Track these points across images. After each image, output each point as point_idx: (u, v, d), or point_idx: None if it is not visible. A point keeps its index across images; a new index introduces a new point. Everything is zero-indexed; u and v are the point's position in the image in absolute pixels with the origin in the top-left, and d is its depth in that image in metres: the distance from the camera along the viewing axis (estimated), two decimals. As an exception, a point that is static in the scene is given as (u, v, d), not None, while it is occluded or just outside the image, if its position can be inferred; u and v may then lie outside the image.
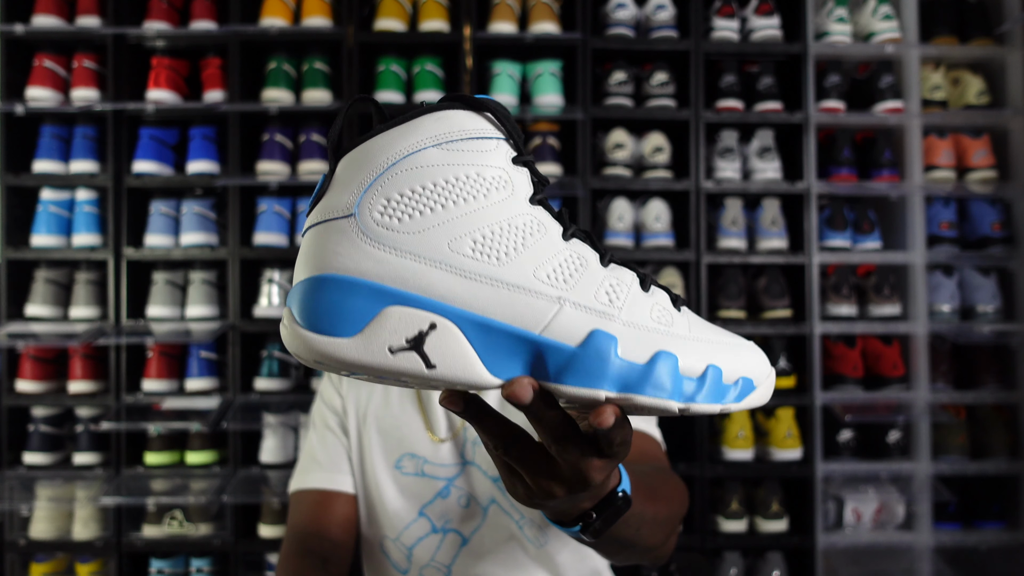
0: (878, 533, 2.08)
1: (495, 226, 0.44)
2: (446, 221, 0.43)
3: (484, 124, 0.45)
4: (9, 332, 1.99)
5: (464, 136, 0.44)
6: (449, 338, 0.42)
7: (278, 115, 2.11)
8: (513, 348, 0.44)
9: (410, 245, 0.43)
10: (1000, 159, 2.20)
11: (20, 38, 2.07)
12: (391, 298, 0.42)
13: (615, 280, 0.46)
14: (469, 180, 0.44)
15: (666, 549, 0.81)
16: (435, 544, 1.00)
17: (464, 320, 0.43)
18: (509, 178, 0.45)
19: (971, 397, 2.11)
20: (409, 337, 0.42)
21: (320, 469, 1.04)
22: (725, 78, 2.13)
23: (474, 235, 0.44)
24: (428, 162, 0.44)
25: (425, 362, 0.42)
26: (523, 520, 0.99)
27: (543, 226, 0.46)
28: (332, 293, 0.42)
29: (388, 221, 0.43)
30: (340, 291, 0.42)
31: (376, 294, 0.42)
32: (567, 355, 0.43)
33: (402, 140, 0.44)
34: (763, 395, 0.49)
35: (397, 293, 0.42)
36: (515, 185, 0.45)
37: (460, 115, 0.45)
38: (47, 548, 2.00)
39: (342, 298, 0.42)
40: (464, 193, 0.44)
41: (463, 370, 0.43)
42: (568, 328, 0.44)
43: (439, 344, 0.42)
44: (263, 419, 2.00)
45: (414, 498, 1.01)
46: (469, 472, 1.00)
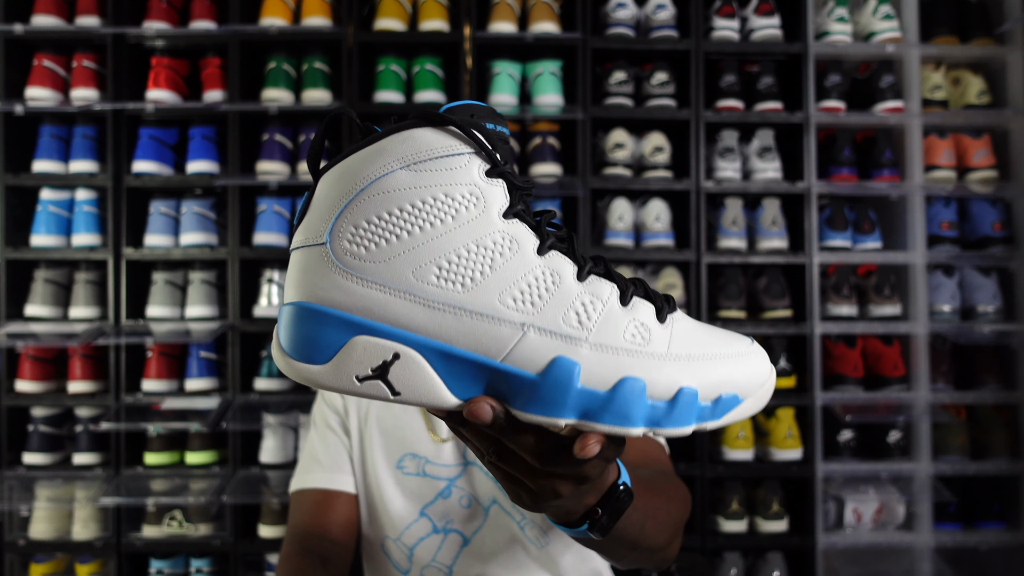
0: (878, 533, 2.08)
1: (462, 249, 0.44)
2: (412, 248, 0.44)
3: (451, 140, 0.45)
4: (9, 332, 1.99)
5: (432, 155, 0.44)
6: (412, 366, 0.44)
7: (278, 115, 2.11)
8: (475, 374, 0.44)
9: (376, 274, 0.44)
10: (1000, 159, 2.20)
11: (20, 38, 2.07)
12: (357, 328, 0.44)
13: (590, 297, 0.45)
14: (436, 202, 0.44)
15: (671, 551, 0.81)
16: (436, 544, 1.00)
17: (427, 349, 0.44)
18: (480, 194, 0.45)
19: (971, 397, 2.10)
20: (374, 367, 0.44)
21: (321, 469, 1.04)
22: (725, 78, 2.13)
23: (439, 262, 0.44)
24: (397, 186, 0.44)
25: (390, 389, 0.44)
26: (524, 521, 0.99)
27: (516, 242, 0.45)
28: (308, 322, 0.44)
29: (356, 250, 0.44)
30: (314, 320, 0.44)
31: (344, 324, 0.44)
32: (527, 383, 0.44)
33: (371, 163, 0.44)
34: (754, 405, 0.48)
35: (363, 323, 0.44)
36: (487, 201, 0.45)
37: (426, 134, 0.45)
38: (47, 548, 2.00)
39: (316, 327, 0.44)
40: (431, 217, 0.44)
41: (426, 395, 0.44)
42: (530, 355, 0.44)
43: (402, 373, 0.44)
44: (263, 419, 2.00)
45: (415, 498, 1.01)
46: (470, 472, 1.00)
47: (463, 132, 0.45)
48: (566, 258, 0.46)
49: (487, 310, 0.44)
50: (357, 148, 0.45)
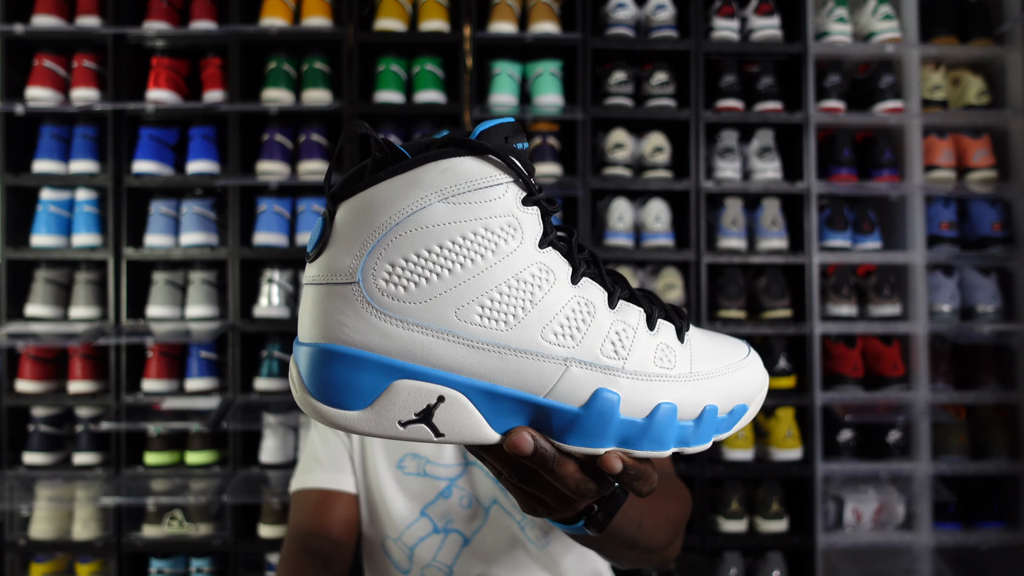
0: (878, 533, 2.08)
1: (503, 286, 0.43)
2: (454, 287, 0.42)
3: (491, 170, 0.43)
4: (9, 332, 1.99)
5: (471, 187, 0.42)
6: (457, 408, 0.43)
7: (278, 115, 2.11)
8: (519, 410, 0.44)
9: (417, 316, 0.42)
10: (1000, 159, 2.20)
11: (20, 38, 2.07)
12: (399, 372, 0.42)
13: (622, 326, 0.46)
14: (477, 237, 0.42)
15: (671, 552, 0.81)
16: (437, 544, 1.00)
17: (472, 389, 0.43)
18: (518, 224, 0.43)
19: (971, 397, 2.11)
20: (418, 411, 0.42)
21: (321, 469, 1.04)
22: (725, 78, 2.13)
23: (482, 300, 0.42)
24: (434, 221, 0.41)
25: (434, 431, 0.43)
26: (525, 521, 0.99)
27: (551, 273, 0.44)
28: (340, 367, 0.42)
29: (393, 290, 0.42)
30: (348, 365, 0.42)
31: (384, 369, 0.42)
32: (571, 416, 0.44)
33: (405, 196, 0.41)
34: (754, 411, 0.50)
35: (405, 367, 0.42)
36: (524, 231, 0.43)
37: (464, 163, 0.42)
38: (47, 548, 2.00)
39: (350, 372, 0.42)
40: (471, 253, 0.42)
41: (470, 434, 0.43)
42: (573, 389, 0.44)
43: (447, 415, 0.43)
44: (263, 419, 2.00)
45: (416, 498, 1.01)
46: (471, 472, 1.00)
47: (502, 160, 0.43)
48: (596, 285, 0.46)
49: (531, 347, 0.43)
50: (385, 175, 0.42)
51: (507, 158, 0.43)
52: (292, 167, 2.10)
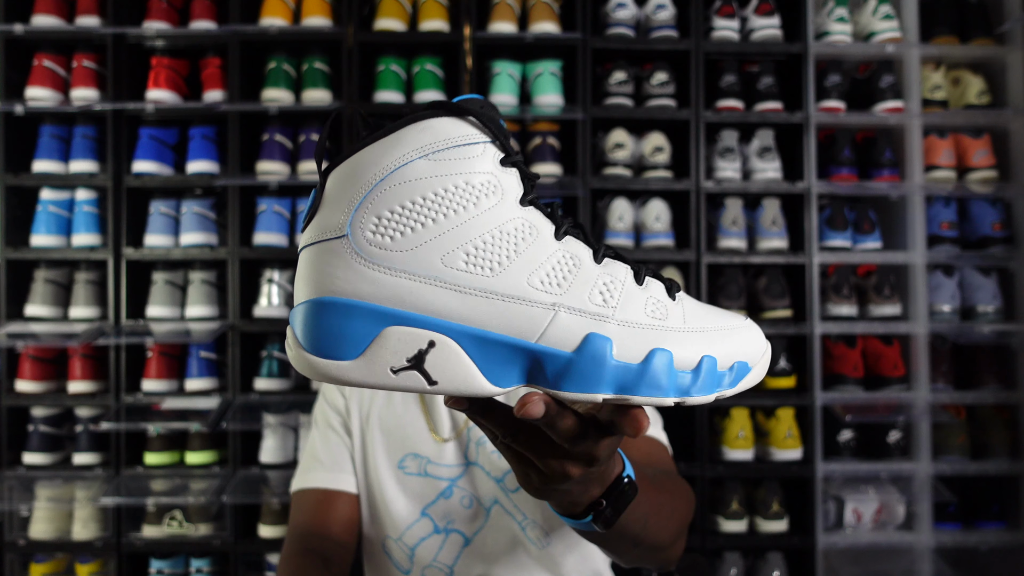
0: (878, 533, 2.08)
1: (486, 235, 0.44)
2: (438, 236, 0.43)
3: (469, 129, 0.45)
4: (9, 332, 1.99)
5: (450, 144, 0.44)
6: (448, 354, 0.43)
7: (278, 115, 2.11)
8: (511, 357, 0.44)
9: (404, 263, 0.43)
10: (1000, 159, 2.20)
11: (20, 38, 2.07)
12: (389, 319, 0.43)
13: (609, 278, 0.47)
14: (458, 190, 0.44)
15: (675, 551, 0.81)
16: (437, 544, 1.00)
17: (462, 335, 0.43)
18: (498, 182, 0.45)
19: (971, 397, 2.10)
20: (409, 356, 0.43)
21: (322, 469, 1.04)
22: (725, 78, 2.13)
23: (466, 247, 0.44)
24: (416, 175, 0.43)
25: (427, 379, 0.43)
26: (526, 521, 0.99)
27: (535, 228, 0.46)
28: (332, 317, 0.43)
29: (380, 240, 0.43)
30: (339, 314, 0.43)
31: (374, 315, 0.43)
32: (564, 361, 0.44)
33: (388, 154, 0.44)
34: (759, 374, 0.50)
35: (395, 313, 0.43)
36: (504, 188, 0.45)
37: (444, 122, 0.44)
38: (47, 548, 2.00)
39: (342, 321, 0.43)
40: (454, 204, 0.44)
41: (463, 383, 0.44)
42: (564, 334, 0.44)
43: (438, 361, 0.43)
44: (263, 419, 2.00)
45: (417, 498, 1.01)
46: (472, 473, 1.00)
47: (480, 121, 0.45)
48: (581, 243, 0.47)
49: (518, 292, 0.44)
50: (371, 140, 0.44)
51: (484, 120, 0.45)
52: (292, 167, 2.10)
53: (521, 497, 0.99)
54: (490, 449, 1.00)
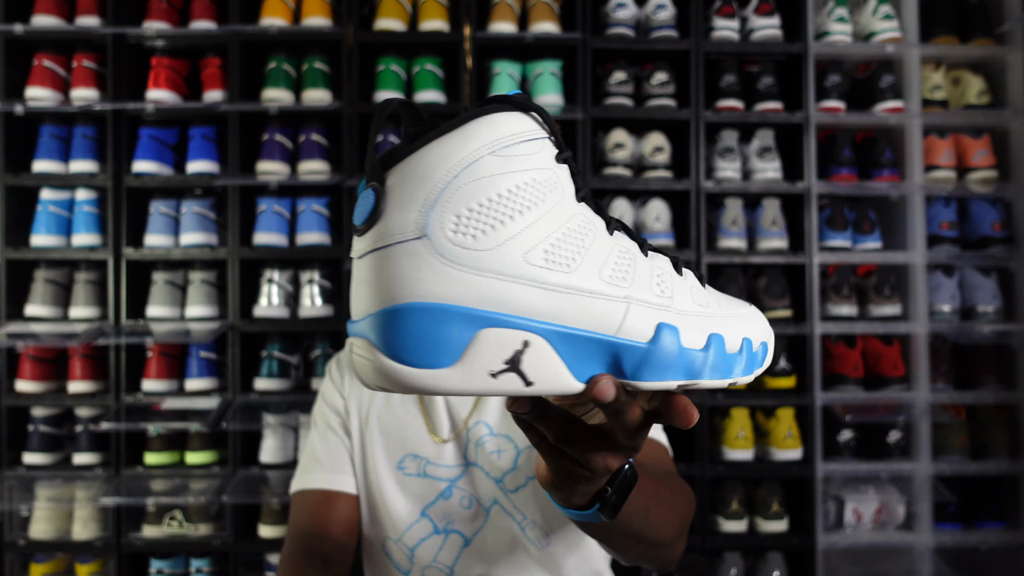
0: (878, 533, 2.08)
1: (558, 232, 0.43)
2: (517, 234, 0.42)
3: (531, 125, 0.44)
4: (9, 332, 1.99)
5: (516, 140, 0.43)
6: (542, 353, 0.43)
7: (278, 115, 2.11)
8: (594, 352, 0.44)
9: (490, 263, 0.41)
10: (1000, 159, 2.20)
11: (20, 38, 2.07)
12: (483, 321, 0.41)
13: (659, 270, 0.48)
14: (527, 187, 0.43)
15: (675, 551, 0.81)
16: (437, 545, 1.00)
17: (551, 333, 0.43)
18: (556, 178, 0.44)
19: (971, 397, 2.10)
20: (506, 359, 0.42)
21: (322, 469, 1.04)
22: (725, 78, 2.13)
23: (543, 244, 0.43)
24: (487, 172, 0.42)
25: (524, 380, 0.42)
26: (525, 521, 0.99)
27: (592, 224, 0.46)
28: (422, 323, 0.41)
29: (463, 239, 0.41)
30: (430, 320, 0.41)
31: (468, 319, 0.41)
32: (641, 352, 0.45)
33: (458, 150, 0.42)
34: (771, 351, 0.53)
35: (488, 315, 0.41)
36: (563, 185, 0.45)
37: (510, 118, 0.43)
38: (47, 548, 2.00)
39: (433, 327, 0.41)
40: (526, 201, 0.42)
41: (555, 382, 0.43)
42: (638, 325, 0.45)
43: (534, 360, 0.42)
44: (263, 419, 2.00)
45: (416, 499, 1.01)
46: (471, 473, 1.00)
47: (540, 117, 0.44)
48: (628, 237, 0.48)
49: (594, 286, 0.44)
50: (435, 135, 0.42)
51: (545, 115, 0.45)
52: (292, 167, 2.10)
53: (520, 497, 0.99)
54: (489, 450, 1.00)
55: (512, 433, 1.00)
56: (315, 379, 2.06)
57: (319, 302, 2.06)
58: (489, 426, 1.01)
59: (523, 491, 0.99)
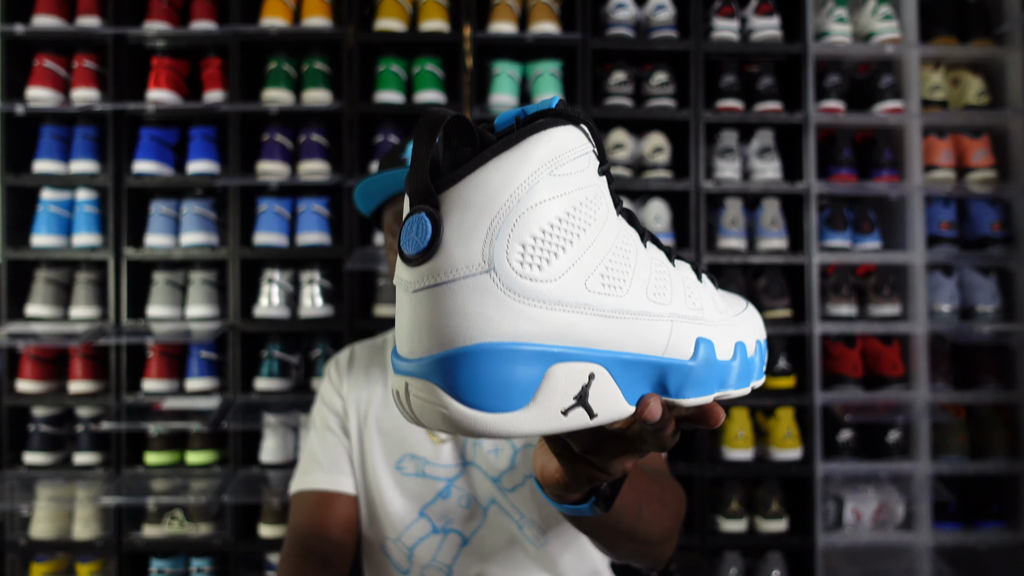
0: (878, 533, 2.08)
1: (610, 254, 0.41)
2: (576, 260, 0.40)
3: (581, 139, 0.41)
4: (9, 332, 1.99)
5: (568, 158, 0.40)
6: (605, 383, 0.41)
7: (278, 115, 2.11)
8: (645, 375, 0.43)
9: (555, 294, 0.39)
10: (1000, 159, 2.20)
11: (20, 38, 2.07)
12: (553, 357, 0.39)
13: (687, 280, 0.47)
14: (581, 208, 0.40)
15: (665, 551, 0.82)
16: (436, 544, 1.00)
17: (610, 361, 0.41)
18: (600, 193, 0.42)
19: (971, 397, 2.11)
20: (575, 394, 0.40)
21: (321, 470, 1.04)
22: (725, 78, 2.13)
23: (600, 269, 0.41)
24: (546, 195, 0.39)
25: (589, 414, 0.41)
26: (523, 520, 0.99)
27: (632, 238, 0.44)
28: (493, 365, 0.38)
29: (530, 271, 0.38)
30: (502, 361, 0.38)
31: (538, 356, 0.39)
32: (686, 370, 0.44)
33: (519, 171, 0.38)
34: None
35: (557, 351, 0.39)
36: (606, 200, 0.42)
37: (563, 133, 0.40)
38: (47, 548, 2.01)
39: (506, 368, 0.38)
40: (581, 223, 0.40)
41: (615, 409, 0.42)
42: (681, 343, 0.44)
43: (598, 392, 0.41)
44: (263, 419, 2.00)
45: (415, 499, 1.01)
46: (469, 473, 1.01)
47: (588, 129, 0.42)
48: (656, 247, 0.47)
49: (644, 307, 0.43)
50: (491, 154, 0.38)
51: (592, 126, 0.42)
52: (292, 167, 2.10)
53: (518, 496, 1.00)
54: (487, 449, 1.01)
55: None
56: (315, 379, 2.06)
57: (319, 302, 2.06)
58: None
59: (520, 490, 1.00)
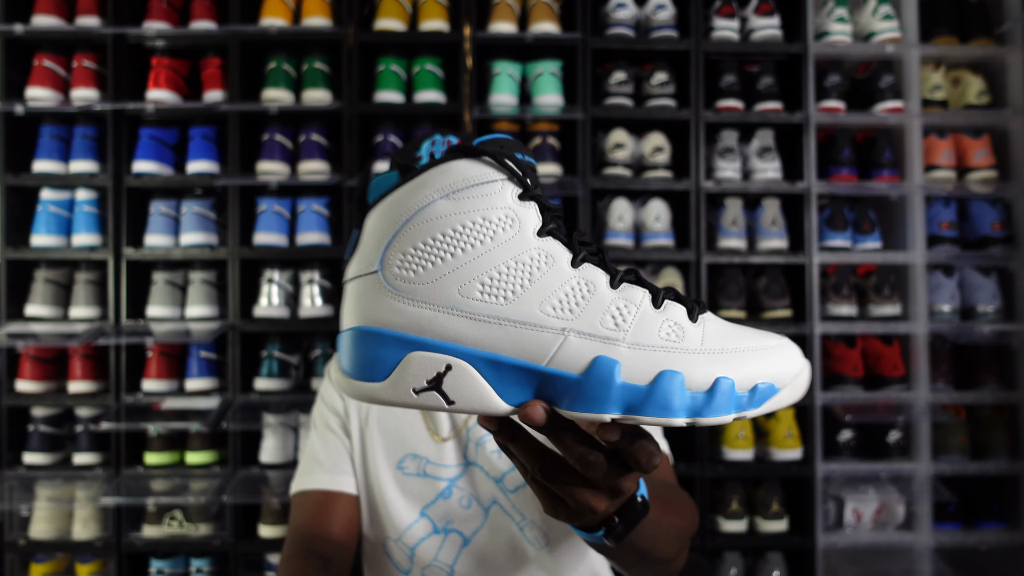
0: (878, 533, 2.08)
1: (502, 266, 0.48)
2: (456, 268, 0.48)
3: (486, 169, 0.49)
4: (9, 332, 1.99)
5: (468, 184, 0.48)
6: (464, 376, 0.47)
7: (278, 115, 2.11)
8: (523, 379, 0.48)
9: (425, 295, 0.48)
10: (1000, 159, 2.20)
11: (20, 38, 2.07)
12: (411, 345, 0.48)
13: (623, 302, 0.49)
14: (476, 226, 0.48)
15: (678, 564, 0.82)
16: (437, 545, 1.00)
17: (476, 359, 0.47)
18: (516, 216, 0.48)
19: (971, 397, 2.10)
20: (429, 379, 0.47)
21: (322, 470, 1.04)
22: (725, 78, 2.13)
23: (482, 279, 0.48)
24: (438, 213, 0.48)
25: (445, 399, 0.48)
26: (524, 522, 0.99)
27: (551, 257, 0.49)
28: (367, 344, 0.49)
29: (405, 274, 0.48)
30: (372, 342, 0.48)
31: (399, 342, 0.48)
32: (571, 383, 0.47)
33: (414, 195, 0.49)
34: (790, 396, 0.50)
35: (416, 340, 0.48)
36: (522, 221, 0.49)
37: (462, 165, 0.49)
38: (47, 548, 2.00)
39: (374, 348, 0.48)
40: (472, 239, 0.48)
41: (479, 402, 0.48)
42: (572, 357, 0.47)
43: (455, 382, 0.47)
44: (263, 419, 2.00)
45: (416, 499, 1.01)
46: (471, 473, 1.01)
47: (495, 161, 0.49)
48: (599, 269, 0.50)
49: (529, 319, 0.47)
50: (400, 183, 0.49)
51: (501, 160, 0.49)
52: (292, 167, 2.10)
53: (520, 498, 1.00)
54: (490, 449, 1.00)
55: None
56: (315, 379, 2.06)
57: (319, 302, 2.06)
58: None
59: (523, 491, 1.00)
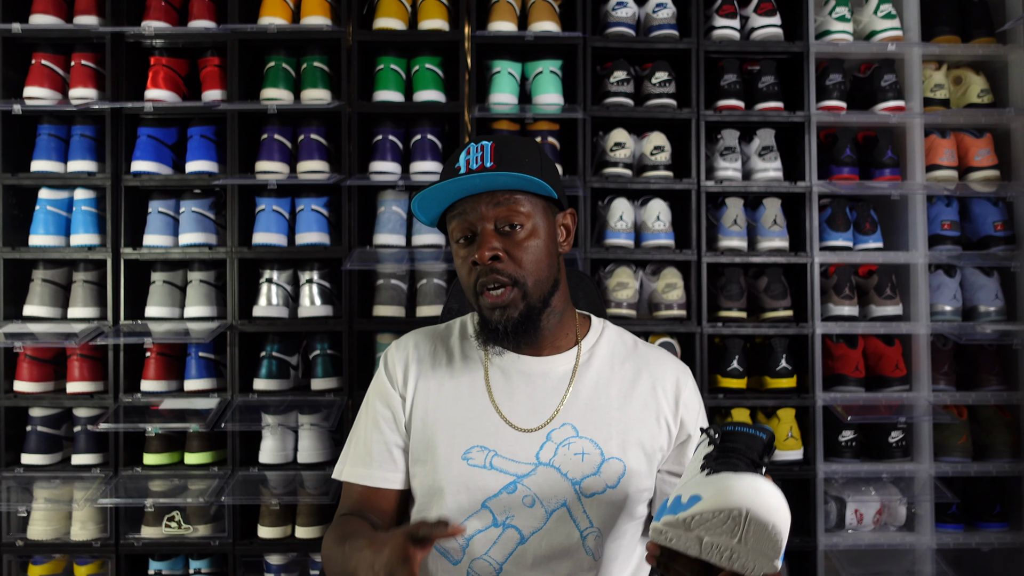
0: (879, 534, 2.07)
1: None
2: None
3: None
4: (7, 332, 1.99)
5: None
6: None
7: (277, 114, 2.10)
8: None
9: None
10: (1002, 158, 2.19)
11: (18, 37, 2.06)
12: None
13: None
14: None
15: None
16: (492, 538, 1.01)
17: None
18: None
19: (973, 398, 2.10)
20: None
21: (367, 465, 1.07)
22: (726, 77, 2.12)
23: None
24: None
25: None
26: (590, 530, 1.01)
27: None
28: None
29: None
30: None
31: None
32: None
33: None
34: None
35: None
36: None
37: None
38: (45, 549, 2.00)
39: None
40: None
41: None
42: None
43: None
44: (262, 420, 1.99)
45: (479, 490, 1.02)
46: (542, 474, 1.01)
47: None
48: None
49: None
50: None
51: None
52: (291, 166, 2.10)
53: (593, 503, 1.01)
54: (573, 451, 1.02)
55: (597, 438, 1.02)
56: (314, 379, 2.05)
57: (318, 302, 2.05)
58: (575, 427, 1.03)
59: (598, 498, 1.01)
